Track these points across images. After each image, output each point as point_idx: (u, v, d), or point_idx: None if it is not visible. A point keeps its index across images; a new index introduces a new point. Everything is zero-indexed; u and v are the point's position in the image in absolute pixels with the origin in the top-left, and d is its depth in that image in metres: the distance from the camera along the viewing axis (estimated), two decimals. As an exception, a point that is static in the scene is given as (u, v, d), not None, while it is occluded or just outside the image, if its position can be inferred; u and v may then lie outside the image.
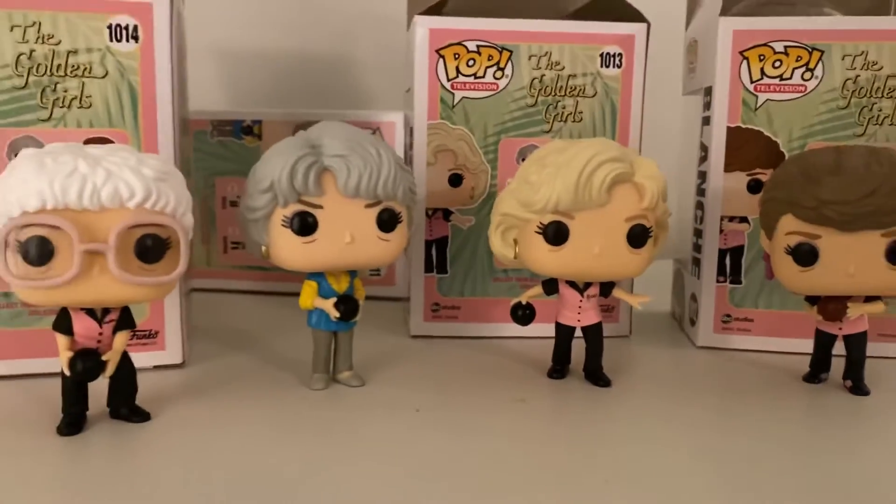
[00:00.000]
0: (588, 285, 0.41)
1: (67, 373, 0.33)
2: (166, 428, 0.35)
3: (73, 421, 0.34)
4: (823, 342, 0.42)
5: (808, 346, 0.43)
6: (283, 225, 0.36)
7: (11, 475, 0.30)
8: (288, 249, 0.37)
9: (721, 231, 0.47)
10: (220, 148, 0.61)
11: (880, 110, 0.45)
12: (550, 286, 0.41)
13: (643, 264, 0.39)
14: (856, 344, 0.41)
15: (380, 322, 0.53)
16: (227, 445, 0.33)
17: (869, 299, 0.40)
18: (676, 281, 0.56)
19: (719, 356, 0.47)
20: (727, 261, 0.47)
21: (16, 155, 0.38)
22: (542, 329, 0.44)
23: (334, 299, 0.39)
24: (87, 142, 0.39)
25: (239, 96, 0.74)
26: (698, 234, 0.49)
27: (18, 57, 0.38)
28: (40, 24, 0.38)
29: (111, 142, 0.39)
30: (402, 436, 0.34)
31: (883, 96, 0.45)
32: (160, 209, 0.32)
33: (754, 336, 0.47)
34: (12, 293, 0.39)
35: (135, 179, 0.31)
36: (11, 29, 0.38)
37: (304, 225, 0.36)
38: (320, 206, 0.36)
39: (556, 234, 0.38)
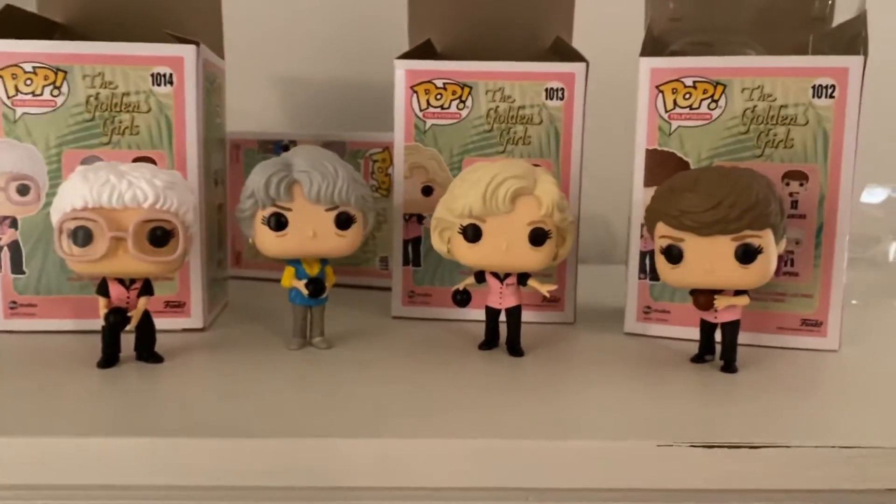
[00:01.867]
0: (507, 275, 0.51)
1: (104, 323, 0.46)
2: (177, 368, 0.48)
3: (108, 359, 0.47)
4: (705, 329, 0.50)
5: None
6: (262, 223, 0.49)
7: (65, 393, 0.43)
8: (266, 241, 0.49)
9: (641, 236, 0.56)
10: (263, 163, 0.75)
11: (775, 135, 0.53)
12: (479, 276, 0.52)
13: (544, 260, 0.49)
14: (728, 331, 0.49)
15: (374, 307, 0.64)
16: (218, 381, 0.46)
17: (737, 293, 0.48)
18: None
19: (638, 341, 0.56)
20: (647, 261, 0.56)
21: (85, 169, 0.52)
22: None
23: (305, 280, 0.51)
24: (135, 160, 0.53)
25: (281, 119, 0.88)
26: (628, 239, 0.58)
27: (88, 98, 0.53)
28: (104, 74, 0.53)
29: (153, 160, 0.53)
30: (344, 381, 0.46)
31: (777, 123, 0.52)
32: (166, 209, 0.45)
33: (670, 325, 0.56)
34: (80, 270, 0.53)
35: (148, 188, 0.45)
36: (83, 78, 0.53)
37: (278, 223, 0.49)
38: (290, 209, 0.49)
39: (472, 233, 0.49)
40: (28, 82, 0.52)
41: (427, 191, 0.59)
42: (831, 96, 0.51)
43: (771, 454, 0.37)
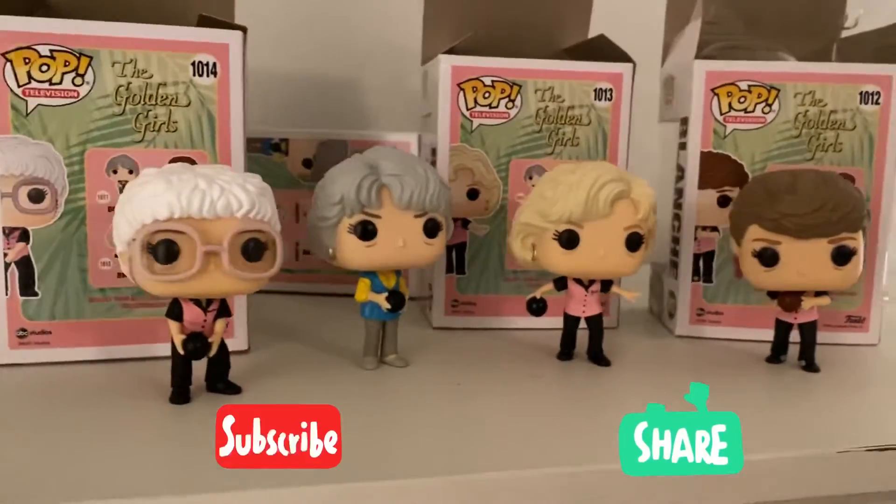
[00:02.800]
0: (592, 282, 0.49)
1: (182, 351, 0.40)
2: (257, 397, 0.42)
3: (182, 392, 0.41)
4: (782, 329, 0.51)
5: (767, 335, 0.52)
6: (348, 232, 0.44)
7: (121, 435, 0.37)
8: (352, 252, 0.44)
9: (695, 238, 0.56)
10: (251, 163, 0.68)
11: (825, 139, 0.54)
12: (560, 283, 0.50)
13: (637, 265, 0.48)
14: (808, 331, 0.50)
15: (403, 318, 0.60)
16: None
17: (818, 294, 0.49)
18: (655, 282, 0.65)
19: (694, 343, 0.56)
20: (700, 263, 0.56)
21: (114, 171, 0.45)
22: (544, 322, 0.53)
23: (386, 294, 0.46)
24: (173, 160, 0.46)
25: (268, 116, 0.81)
26: (676, 241, 0.58)
27: (118, 89, 0.45)
28: (136, 60, 0.45)
29: (193, 161, 0.47)
30: (447, 404, 0.42)
31: (827, 128, 0.54)
32: (260, 218, 0.39)
33: (723, 326, 0.57)
34: (108, 289, 0.46)
35: (242, 194, 0.39)
36: (113, 65, 0.45)
37: (366, 231, 0.44)
38: (379, 217, 0.44)
39: (568, 240, 0.46)
40: (44, 68, 0.44)
41: (472, 194, 0.56)
42: (877, 102, 0.54)
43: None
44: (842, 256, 0.46)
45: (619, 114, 0.57)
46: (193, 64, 0.46)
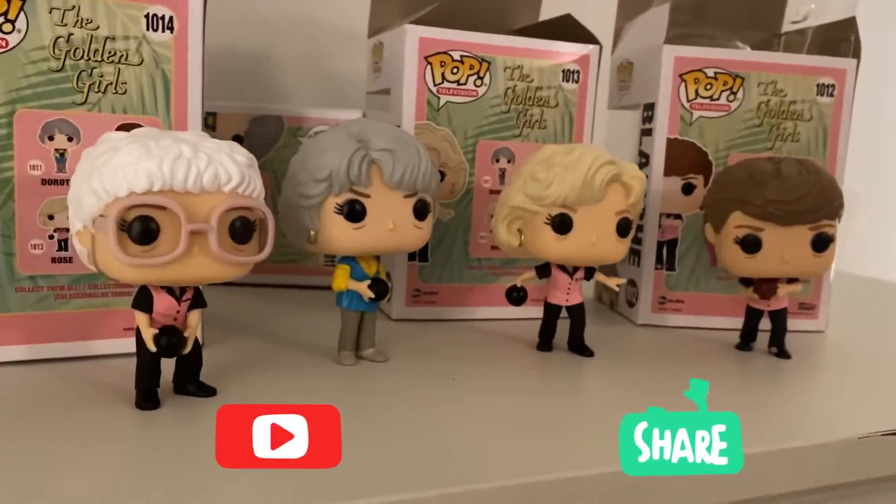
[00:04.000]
0: (576, 269, 0.47)
1: (153, 349, 0.34)
2: (229, 400, 0.36)
3: (150, 396, 0.35)
4: (753, 317, 0.51)
5: (729, 322, 0.53)
6: (335, 212, 0.39)
7: (94, 460, 0.31)
8: (339, 234, 0.40)
9: (659, 226, 0.55)
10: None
11: (784, 129, 0.55)
12: (543, 270, 0.47)
13: (626, 251, 0.46)
14: (780, 318, 0.50)
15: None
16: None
17: (790, 281, 0.49)
18: (606, 269, 0.63)
19: (658, 332, 0.55)
20: (664, 251, 0.56)
21: (50, 137, 0.38)
22: (511, 312, 0.51)
23: (368, 281, 0.42)
24: (120, 128, 0.40)
25: None
26: (639, 228, 0.57)
27: (56, 40, 0.38)
28: (79, 7, 0.39)
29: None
30: (439, 398, 0.39)
31: (787, 118, 0.55)
32: (249, 193, 0.34)
33: (685, 315, 0.56)
34: (39, 276, 0.39)
35: (232, 165, 0.33)
36: (51, 11, 0.38)
37: (354, 212, 0.40)
38: (368, 196, 0.40)
39: (561, 224, 0.44)
40: (-35, 10, 0.36)
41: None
42: (831, 95, 0.55)
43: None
44: (821, 243, 0.47)
45: (585, 96, 0.55)
46: (147, 16, 0.40)
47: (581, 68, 0.54)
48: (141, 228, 0.32)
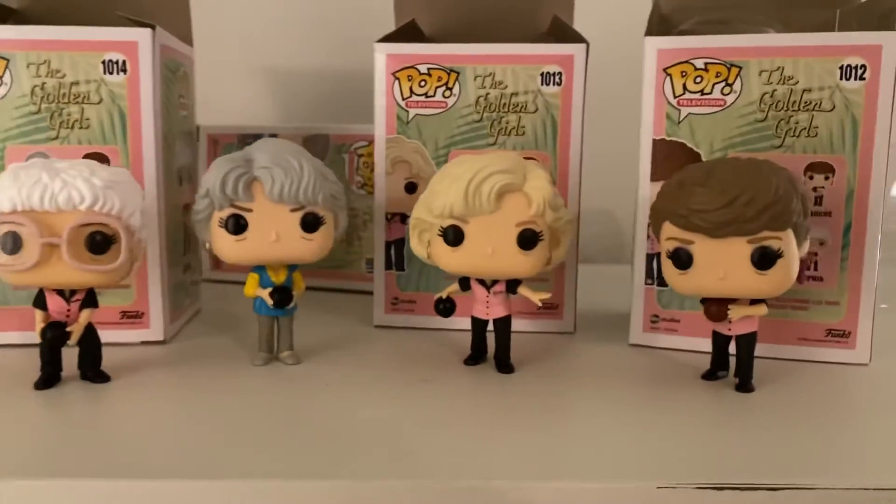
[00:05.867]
0: (494, 283, 0.46)
1: (40, 339, 0.41)
2: (124, 389, 0.43)
3: (47, 378, 0.42)
4: (718, 342, 0.45)
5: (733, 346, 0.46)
6: (219, 225, 0.44)
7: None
8: (224, 246, 0.44)
9: (648, 237, 0.50)
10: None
11: (797, 122, 0.47)
12: (464, 283, 0.46)
13: (535, 265, 0.43)
14: (743, 344, 0.43)
15: (357, 314, 0.59)
16: (164, 406, 0.41)
17: (754, 302, 0.42)
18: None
19: (644, 354, 0.50)
20: (654, 265, 0.50)
21: (31, 167, 0.47)
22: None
23: (270, 289, 0.45)
24: (86, 156, 0.48)
25: (263, 112, 0.83)
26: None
27: (33, 89, 0.48)
28: (50, 61, 0.48)
29: (106, 156, 0.48)
30: (304, 401, 0.41)
31: (799, 109, 0.47)
32: (106, 211, 0.40)
33: (681, 336, 0.50)
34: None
35: (85, 187, 0.39)
36: (28, 66, 0.48)
37: (236, 225, 0.44)
38: (250, 210, 0.44)
39: (453, 236, 0.43)
40: (-34, 72, 0.47)
41: (411, 187, 0.54)
42: (861, 78, 0.45)
43: (793, 498, 0.31)
44: (764, 259, 0.40)
45: (570, 99, 0.52)
46: (104, 62, 0.48)
47: (563, 70, 0.52)
48: (6, 241, 0.39)
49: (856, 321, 0.47)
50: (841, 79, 0.46)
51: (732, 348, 0.44)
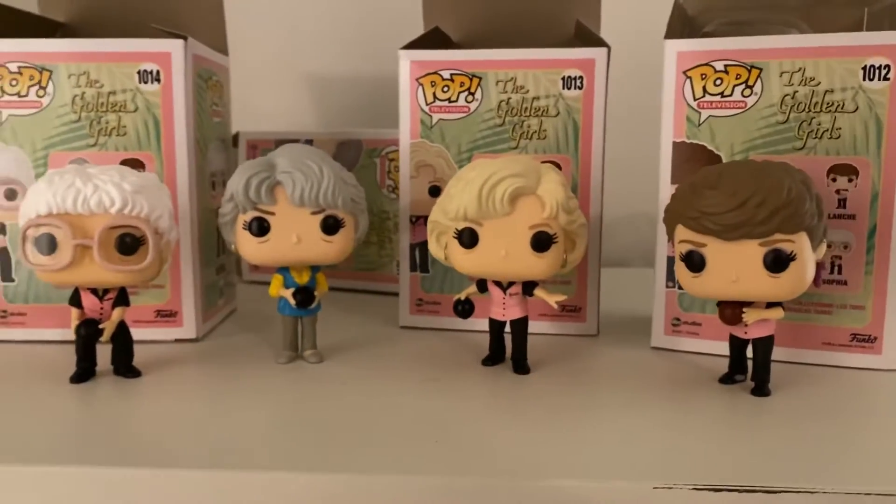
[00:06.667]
0: (511, 284, 0.46)
1: (74, 336, 0.44)
2: (155, 384, 0.44)
3: (82, 373, 0.45)
4: (735, 345, 0.44)
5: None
6: (243, 228, 0.45)
7: (32, 410, 0.41)
8: (248, 247, 0.46)
9: (669, 239, 0.50)
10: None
11: (819, 124, 0.46)
12: (481, 285, 0.47)
13: (549, 267, 0.44)
14: (760, 348, 0.43)
15: (385, 315, 0.60)
16: (192, 401, 0.43)
17: (770, 305, 0.42)
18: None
19: (665, 357, 0.50)
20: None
21: (71, 172, 0.50)
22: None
23: (293, 290, 0.47)
24: (123, 162, 0.50)
25: (301, 118, 0.85)
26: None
27: (74, 98, 0.50)
28: (89, 72, 0.50)
29: (141, 162, 0.51)
30: (323, 398, 0.42)
31: (821, 111, 0.46)
32: (135, 214, 0.42)
33: (702, 339, 0.50)
34: (69, 277, 0.51)
35: (115, 191, 0.42)
36: (69, 77, 0.50)
37: (260, 228, 0.45)
38: (273, 213, 0.45)
39: (467, 238, 0.44)
40: (13, 83, 0.50)
41: (435, 191, 0.55)
42: (885, 78, 0.45)
43: (791, 501, 0.31)
44: (777, 262, 0.39)
45: (591, 103, 0.52)
46: (139, 72, 0.50)
47: (585, 74, 0.52)
48: (42, 242, 0.41)
49: (881, 326, 0.46)
50: (864, 79, 0.45)
51: (751, 352, 0.44)
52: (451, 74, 0.53)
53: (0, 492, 0.34)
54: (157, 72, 0.50)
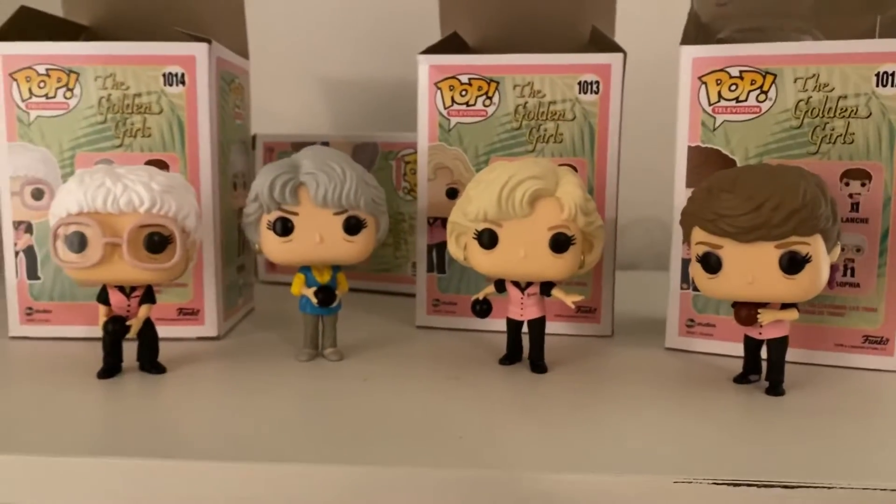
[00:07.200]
0: (529, 284, 0.47)
1: (102, 332, 0.45)
2: (179, 380, 0.45)
3: (109, 369, 0.45)
4: (750, 346, 0.45)
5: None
6: (267, 228, 0.46)
7: (59, 405, 0.42)
8: (272, 247, 0.47)
9: (684, 242, 0.51)
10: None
11: (833, 129, 0.47)
12: (500, 285, 0.48)
13: (568, 268, 0.45)
14: (774, 348, 0.44)
15: (401, 315, 0.61)
16: (215, 396, 0.43)
17: (785, 306, 0.43)
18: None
19: (679, 358, 0.51)
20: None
21: (97, 172, 0.51)
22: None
23: (315, 288, 0.48)
24: (147, 163, 0.51)
25: (317, 121, 0.86)
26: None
27: (100, 100, 0.51)
28: (115, 74, 0.51)
29: (166, 163, 0.52)
30: (343, 394, 0.43)
31: (835, 116, 0.47)
32: (163, 213, 0.43)
33: (716, 340, 0.51)
34: (94, 276, 0.52)
35: (144, 191, 0.43)
36: (95, 79, 0.51)
37: (283, 228, 0.46)
38: (296, 213, 0.46)
39: (487, 239, 0.45)
40: (41, 85, 0.51)
41: (452, 193, 0.56)
42: (898, 84, 0.46)
43: (809, 496, 0.32)
44: (792, 264, 0.40)
45: (607, 107, 0.53)
46: (164, 75, 0.51)
47: (601, 79, 0.53)
48: (72, 240, 0.42)
49: (893, 328, 0.47)
50: (877, 85, 0.46)
51: (765, 353, 0.45)
52: (470, 79, 0.54)
53: (31, 482, 0.35)
54: (182, 74, 0.51)
